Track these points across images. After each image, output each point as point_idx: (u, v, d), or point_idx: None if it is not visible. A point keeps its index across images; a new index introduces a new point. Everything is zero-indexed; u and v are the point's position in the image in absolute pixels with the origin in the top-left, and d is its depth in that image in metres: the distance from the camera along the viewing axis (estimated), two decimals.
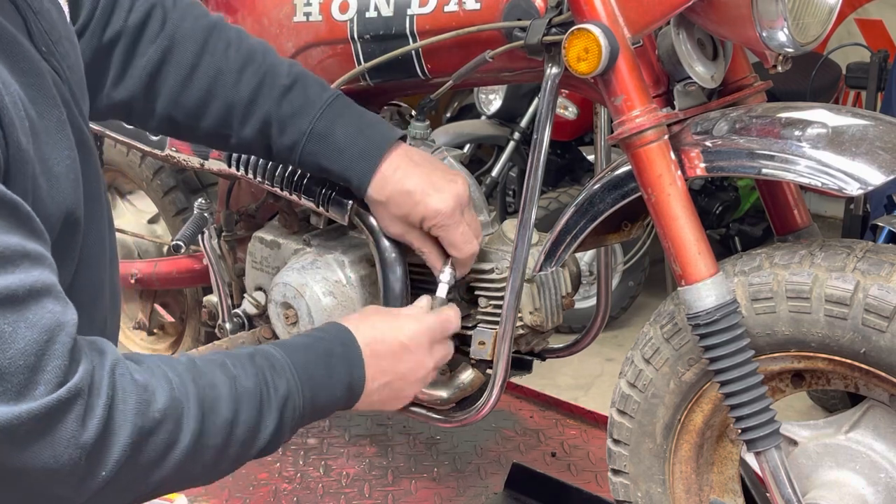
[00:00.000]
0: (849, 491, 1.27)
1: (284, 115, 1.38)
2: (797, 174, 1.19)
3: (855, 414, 1.29)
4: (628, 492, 1.45)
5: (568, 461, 2.24)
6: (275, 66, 1.40)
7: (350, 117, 1.40)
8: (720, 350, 1.23)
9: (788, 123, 1.22)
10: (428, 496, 2.11)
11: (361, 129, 1.40)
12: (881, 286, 1.16)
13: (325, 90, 1.42)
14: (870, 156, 1.16)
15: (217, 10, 1.77)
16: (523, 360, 1.69)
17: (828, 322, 1.19)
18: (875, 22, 4.41)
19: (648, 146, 1.25)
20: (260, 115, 1.39)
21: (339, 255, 1.64)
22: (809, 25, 1.29)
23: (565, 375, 3.21)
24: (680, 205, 1.24)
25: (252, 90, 1.38)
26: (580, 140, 3.78)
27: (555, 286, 1.55)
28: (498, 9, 1.41)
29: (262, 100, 1.38)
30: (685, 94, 1.35)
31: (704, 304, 1.22)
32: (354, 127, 1.40)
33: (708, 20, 1.30)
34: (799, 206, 1.46)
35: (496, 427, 2.39)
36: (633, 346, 1.41)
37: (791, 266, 1.23)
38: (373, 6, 1.53)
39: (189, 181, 2.31)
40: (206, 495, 2.10)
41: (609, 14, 1.25)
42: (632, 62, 1.25)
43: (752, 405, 1.22)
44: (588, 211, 1.39)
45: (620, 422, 1.42)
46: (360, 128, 1.40)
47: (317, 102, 1.39)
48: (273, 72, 1.39)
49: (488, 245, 1.56)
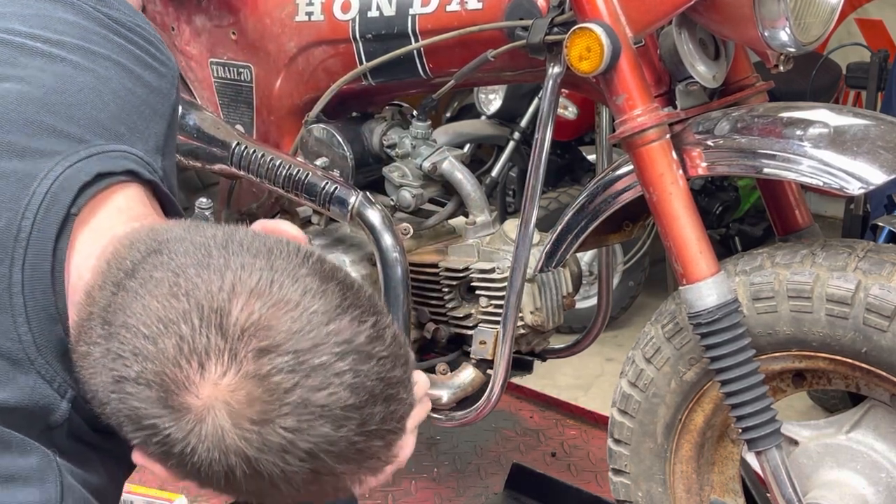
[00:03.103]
0: (849, 491, 1.27)
1: None
2: (799, 173, 1.19)
3: (856, 414, 1.29)
4: (629, 491, 1.45)
5: (568, 461, 2.24)
6: None
7: None
8: (721, 349, 1.23)
9: (790, 123, 1.22)
10: (428, 496, 2.10)
11: None
12: (882, 286, 1.16)
13: None
14: (871, 155, 1.16)
15: (218, 11, 1.77)
16: (524, 360, 1.69)
17: (829, 321, 1.19)
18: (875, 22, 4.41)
19: (650, 145, 1.25)
20: None
21: (340, 255, 1.64)
22: (811, 25, 1.29)
23: (565, 375, 3.21)
24: (681, 204, 1.24)
25: None
26: (580, 140, 3.77)
27: (556, 286, 1.55)
28: (500, 8, 1.41)
29: None
30: (687, 93, 1.36)
31: (706, 303, 1.22)
32: None
33: (710, 20, 1.30)
34: (800, 206, 1.46)
35: (496, 427, 2.38)
36: (634, 346, 1.41)
37: (792, 265, 1.23)
38: (375, 6, 1.53)
39: (190, 181, 2.30)
40: (206, 495, 2.10)
41: (611, 13, 1.25)
42: (634, 61, 1.25)
43: (753, 405, 1.22)
44: (589, 211, 1.39)
45: (621, 421, 1.42)
46: None
47: None
48: None
49: (489, 245, 1.56)
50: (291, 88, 1.72)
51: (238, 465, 0.79)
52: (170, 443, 0.79)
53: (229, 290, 0.78)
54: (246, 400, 0.77)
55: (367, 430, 0.82)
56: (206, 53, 1.83)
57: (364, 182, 1.69)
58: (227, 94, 1.83)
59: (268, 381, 0.77)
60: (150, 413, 0.79)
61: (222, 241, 0.84)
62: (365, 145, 1.68)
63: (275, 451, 0.78)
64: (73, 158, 0.92)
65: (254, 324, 0.77)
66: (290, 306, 0.79)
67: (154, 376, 0.78)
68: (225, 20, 1.77)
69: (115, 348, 0.80)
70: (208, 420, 0.78)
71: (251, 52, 1.75)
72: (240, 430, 0.78)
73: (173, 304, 0.79)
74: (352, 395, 0.80)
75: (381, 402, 0.83)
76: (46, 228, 0.88)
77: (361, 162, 1.67)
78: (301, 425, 0.78)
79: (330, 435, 0.79)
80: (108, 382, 0.81)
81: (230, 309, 0.78)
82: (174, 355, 0.77)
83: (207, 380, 0.77)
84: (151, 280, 0.81)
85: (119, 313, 0.81)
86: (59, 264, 0.88)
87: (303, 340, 0.78)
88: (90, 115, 0.97)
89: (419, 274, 1.58)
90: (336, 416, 0.79)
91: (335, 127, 1.66)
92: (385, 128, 1.67)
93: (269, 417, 0.78)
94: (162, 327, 0.78)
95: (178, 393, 0.78)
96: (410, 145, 1.64)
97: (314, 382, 0.78)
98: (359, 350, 0.81)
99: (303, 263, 0.82)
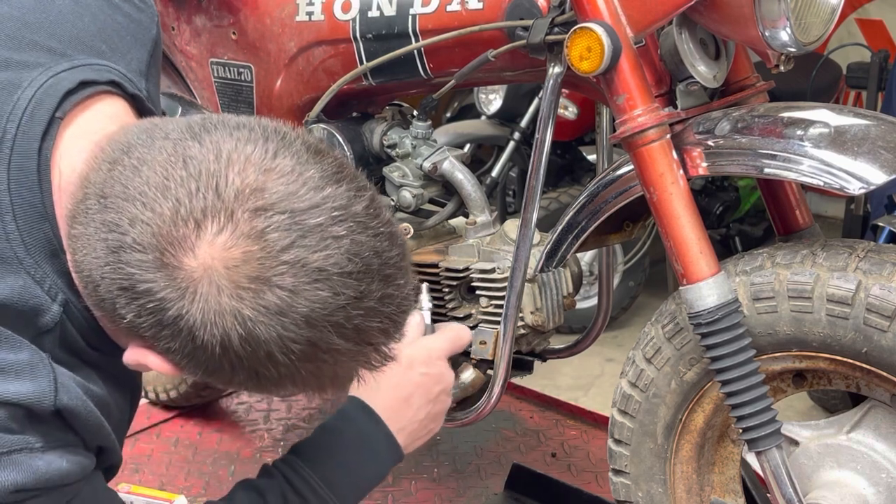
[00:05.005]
0: (850, 491, 1.27)
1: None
2: (799, 173, 1.19)
3: (856, 414, 1.29)
4: (629, 492, 1.45)
5: (568, 462, 2.24)
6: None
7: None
8: (721, 349, 1.22)
9: (791, 123, 1.22)
10: (428, 496, 2.10)
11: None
12: (883, 286, 1.16)
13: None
14: (871, 155, 1.16)
15: (218, 11, 1.77)
16: (524, 360, 1.69)
17: (829, 322, 1.19)
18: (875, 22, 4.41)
19: (650, 145, 1.25)
20: None
21: None
22: (812, 25, 1.29)
23: (565, 376, 3.21)
24: (682, 204, 1.24)
25: None
26: (580, 140, 3.78)
27: (556, 286, 1.55)
28: (500, 8, 1.41)
29: None
30: (687, 93, 1.36)
31: (706, 303, 1.22)
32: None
33: (710, 20, 1.30)
34: (801, 206, 1.46)
35: (496, 427, 2.38)
36: (635, 346, 1.40)
37: (793, 266, 1.23)
38: (375, 6, 1.53)
39: None
40: (206, 495, 2.10)
41: (612, 13, 1.25)
42: (634, 61, 1.25)
43: (753, 405, 1.22)
44: (590, 211, 1.39)
45: (622, 422, 1.42)
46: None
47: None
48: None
49: (490, 245, 1.56)
50: (292, 88, 1.72)
51: (234, 328, 0.78)
52: (164, 307, 0.78)
53: (226, 158, 0.79)
54: (242, 257, 0.77)
55: (365, 306, 0.81)
56: (207, 53, 1.83)
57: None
58: (228, 93, 1.83)
59: (263, 239, 0.77)
60: (146, 277, 0.78)
61: (219, 119, 0.85)
62: (365, 145, 1.68)
63: (272, 312, 0.78)
64: (57, 68, 0.94)
65: (249, 185, 0.78)
66: (286, 171, 0.80)
67: (150, 238, 0.78)
68: (225, 20, 1.77)
69: (110, 219, 0.80)
70: (204, 279, 0.78)
71: (251, 52, 1.75)
72: (236, 289, 0.77)
73: (170, 171, 0.79)
74: (349, 263, 0.79)
75: (378, 279, 0.82)
76: (31, 131, 0.89)
77: (362, 162, 1.67)
78: (298, 286, 0.78)
79: (328, 300, 0.79)
80: (103, 255, 0.80)
81: (226, 174, 0.78)
82: (171, 217, 0.78)
83: (203, 239, 0.77)
84: (149, 153, 0.82)
85: (115, 186, 0.81)
86: (44, 163, 0.89)
87: (298, 201, 0.79)
88: (71, 32, 0.99)
89: (419, 274, 1.58)
90: (333, 282, 0.79)
91: (335, 127, 1.66)
92: (385, 128, 1.67)
93: (265, 275, 0.77)
94: (159, 193, 0.78)
95: (173, 253, 0.77)
96: (411, 145, 1.64)
97: (310, 242, 0.78)
98: (356, 218, 0.81)
99: (298, 138, 0.84)
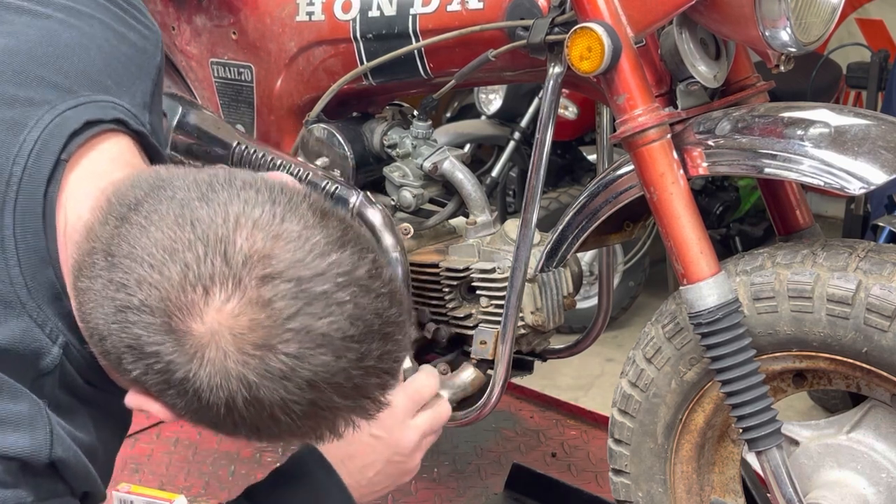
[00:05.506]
0: (850, 491, 1.27)
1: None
2: (800, 173, 1.19)
3: (856, 414, 1.29)
4: (629, 492, 1.45)
5: (568, 461, 2.24)
6: None
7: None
8: (722, 349, 1.23)
9: (791, 123, 1.22)
10: (428, 496, 2.10)
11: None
12: (883, 286, 1.16)
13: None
14: (872, 155, 1.16)
15: (219, 10, 1.77)
16: (524, 360, 1.69)
17: (830, 321, 1.19)
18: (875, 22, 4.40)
19: (651, 145, 1.25)
20: None
21: None
22: (812, 25, 1.29)
23: (565, 376, 3.21)
24: (682, 204, 1.24)
25: None
26: (580, 140, 3.77)
27: (556, 286, 1.55)
28: (501, 8, 1.41)
29: None
30: (688, 93, 1.36)
31: (706, 303, 1.22)
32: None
33: (711, 20, 1.30)
34: (801, 206, 1.46)
35: (496, 427, 2.38)
36: (635, 346, 1.40)
37: (793, 265, 1.23)
38: (375, 6, 1.53)
39: None
40: (205, 495, 2.10)
41: (612, 13, 1.25)
42: (634, 61, 1.25)
43: (753, 405, 1.22)
44: (590, 210, 1.39)
45: (622, 422, 1.42)
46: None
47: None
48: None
49: (490, 245, 1.56)
50: (292, 88, 1.72)
51: (239, 391, 0.79)
52: (171, 370, 0.79)
53: (234, 221, 0.79)
54: (249, 325, 0.78)
55: (365, 366, 0.82)
56: (207, 53, 1.83)
57: (364, 182, 1.69)
58: (228, 93, 1.83)
59: (270, 307, 0.78)
60: (153, 340, 0.79)
61: (226, 178, 0.84)
62: (365, 145, 1.68)
63: (276, 377, 0.79)
64: (62, 107, 0.93)
65: (257, 252, 0.78)
66: (293, 237, 0.80)
67: (158, 302, 0.78)
68: (225, 20, 1.77)
69: (118, 278, 0.80)
70: (211, 345, 0.78)
71: (252, 52, 1.75)
72: (242, 355, 0.78)
73: (178, 234, 0.79)
74: (351, 327, 0.80)
75: (378, 338, 0.83)
76: (37, 173, 0.88)
77: (362, 162, 1.67)
78: (302, 352, 0.79)
79: (330, 364, 0.80)
80: (110, 313, 0.80)
81: (234, 239, 0.78)
82: (179, 282, 0.78)
83: (211, 306, 0.77)
84: (156, 213, 0.81)
85: (123, 245, 0.81)
86: (49, 208, 0.89)
87: (305, 269, 0.79)
88: (77, 67, 0.98)
89: (420, 274, 1.58)
90: (336, 346, 0.80)
91: (336, 127, 1.66)
92: (385, 128, 1.67)
93: (271, 343, 0.78)
94: (167, 256, 0.78)
95: (182, 319, 0.78)
96: (411, 145, 1.64)
97: (315, 310, 0.79)
98: (359, 283, 0.81)
99: (304, 200, 0.83)
